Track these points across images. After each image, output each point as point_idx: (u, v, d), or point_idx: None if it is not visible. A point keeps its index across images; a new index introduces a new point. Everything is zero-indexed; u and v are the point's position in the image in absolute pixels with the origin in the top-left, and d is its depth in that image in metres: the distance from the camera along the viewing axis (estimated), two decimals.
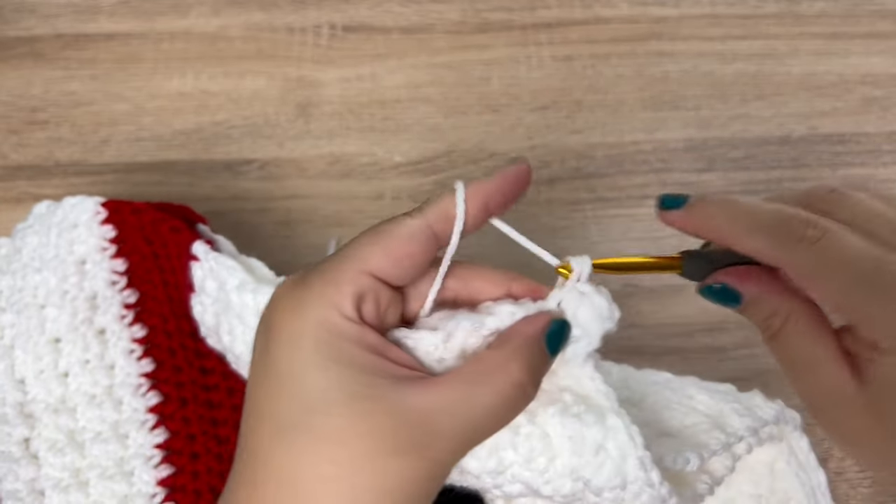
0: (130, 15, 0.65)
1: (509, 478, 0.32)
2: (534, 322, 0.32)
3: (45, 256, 0.50)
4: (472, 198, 0.32)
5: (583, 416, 0.32)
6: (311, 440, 0.28)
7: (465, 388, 0.29)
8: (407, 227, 0.31)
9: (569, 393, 0.33)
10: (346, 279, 0.30)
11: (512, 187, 0.33)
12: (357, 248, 0.31)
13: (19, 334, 0.48)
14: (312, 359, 0.28)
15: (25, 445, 0.47)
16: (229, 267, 0.45)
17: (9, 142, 0.60)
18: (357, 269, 0.30)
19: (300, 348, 0.29)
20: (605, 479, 0.32)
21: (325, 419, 0.28)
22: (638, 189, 0.59)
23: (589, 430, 0.32)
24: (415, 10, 0.65)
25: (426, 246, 0.31)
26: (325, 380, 0.28)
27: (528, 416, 0.32)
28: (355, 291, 0.30)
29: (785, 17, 0.65)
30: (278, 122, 0.61)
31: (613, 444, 0.32)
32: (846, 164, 0.60)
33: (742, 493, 0.47)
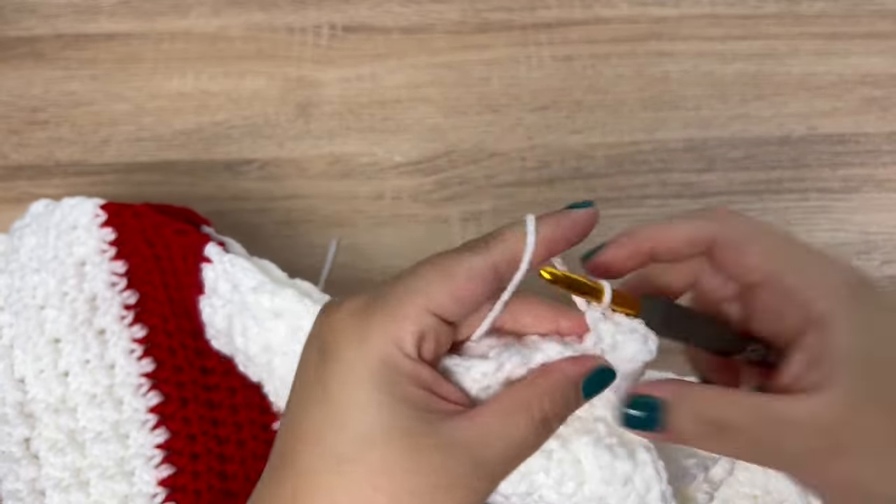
0: (130, 15, 0.65)
1: (537, 499, 0.33)
2: (578, 364, 0.32)
3: (44, 257, 0.50)
4: (541, 242, 0.31)
5: (615, 448, 0.33)
6: (366, 472, 0.29)
7: (503, 417, 0.30)
8: (473, 267, 0.30)
9: (603, 424, 0.33)
10: (409, 316, 0.30)
11: (580, 232, 0.32)
12: (422, 283, 0.30)
13: (18, 334, 0.49)
14: (371, 394, 0.29)
15: (26, 445, 0.47)
16: (245, 269, 0.46)
17: (9, 142, 0.60)
18: (421, 307, 0.30)
19: (360, 382, 0.29)
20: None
21: (382, 453, 0.28)
22: (638, 189, 0.59)
23: (619, 462, 0.33)
24: (415, 10, 0.66)
25: (489, 287, 0.31)
26: (382, 415, 0.29)
27: (561, 441, 0.33)
28: (418, 330, 0.30)
29: (785, 17, 0.65)
30: (278, 122, 0.61)
31: (640, 478, 0.33)
32: (846, 164, 0.60)
33: (738, 494, 0.47)
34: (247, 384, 0.48)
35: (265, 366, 0.46)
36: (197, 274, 0.47)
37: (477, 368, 0.32)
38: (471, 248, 0.31)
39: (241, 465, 0.46)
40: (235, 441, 0.47)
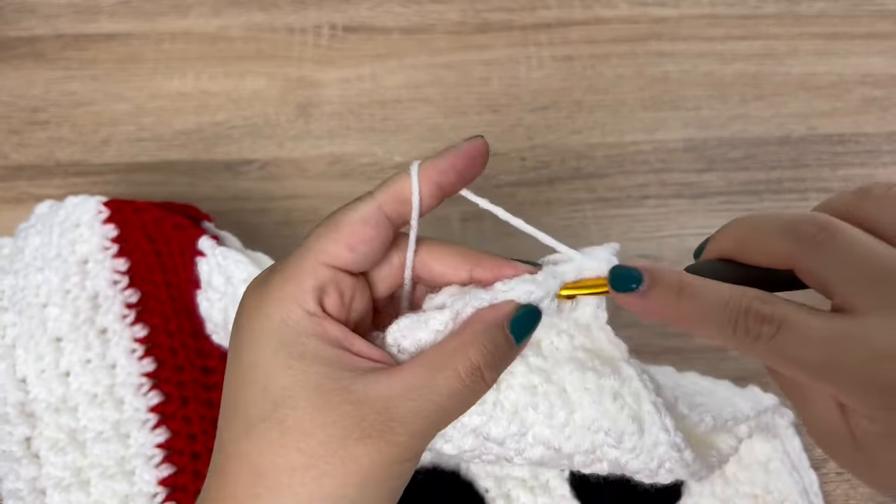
0: (131, 15, 0.65)
1: (531, 440, 0.33)
2: (497, 309, 0.32)
3: (48, 256, 0.50)
4: (424, 179, 0.32)
5: (598, 368, 0.33)
6: (279, 433, 0.29)
7: (424, 373, 0.30)
8: (358, 212, 0.31)
9: (582, 350, 0.34)
10: (305, 274, 0.31)
11: (467, 165, 0.32)
12: (313, 240, 0.31)
13: (21, 334, 0.49)
14: (277, 357, 0.30)
15: (27, 445, 0.47)
16: (237, 260, 0.46)
17: (9, 142, 0.61)
18: (315, 262, 0.31)
19: (265, 347, 0.30)
20: (623, 424, 0.33)
21: (292, 412, 0.29)
22: (638, 189, 0.59)
23: (605, 380, 0.33)
24: (415, 10, 0.66)
25: (380, 229, 0.31)
26: (290, 376, 0.29)
27: (544, 376, 0.33)
28: (316, 285, 0.30)
29: (785, 17, 0.65)
30: (278, 123, 0.61)
31: (629, 391, 0.33)
32: (846, 164, 0.60)
33: (739, 493, 0.47)
34: None
35: None
36: (193, 268, 0.47)
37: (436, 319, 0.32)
38: (358, 198, 0.32)
39: None
40: None
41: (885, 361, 0.27)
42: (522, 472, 0.47)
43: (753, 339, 0.29)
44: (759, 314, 0.29)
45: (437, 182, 0.32)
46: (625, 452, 0.33)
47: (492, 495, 0.46)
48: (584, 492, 0.46)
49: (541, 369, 0.33)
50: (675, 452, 0.34)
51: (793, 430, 0.48)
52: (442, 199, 0.33)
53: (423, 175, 0.32)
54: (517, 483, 0.47)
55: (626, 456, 0.33)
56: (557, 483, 0.47)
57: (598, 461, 0.34)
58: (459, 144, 0.32)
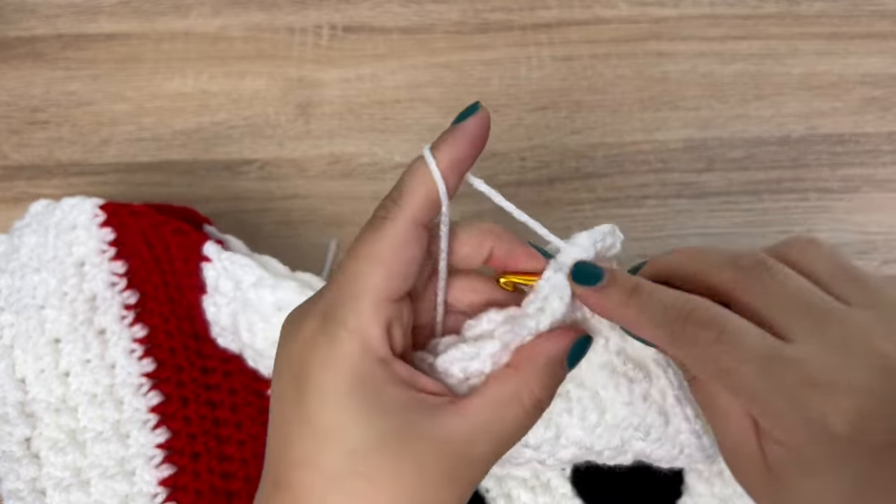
0: (131, 15, 0.65)
1: (564, 442, 0.35)
2: (558, 341, 0.32)
3: (44, 257, 0.50)
4: (447, 170, 0.31)
5: (630, 373, 0.35)
6: (365, 484, 0.29)
7: (493, 410, 0.31)
8: (395, 236, 0.30)
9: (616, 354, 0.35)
10: (368, 321, 0.29)
11: (478, 143, 0.32)
12: (362, 281, 0.30)
13: (19, 334, 0.49)
14: (357, 415, 0.29)
15: (26, 445, 0.47)
16: (244, 265, 0.46)
17: (9, 142, 0.61)
18: (373, 306, 0.30)
19: (341, 403, 0.29)
20: (651, 419, 0.35)
21: (377, 463, 0.29)
22: (638, 189, 0.59)
23: (636, 384, 0.35)
24: (415, 10, 0.66)
25: (419, 243, 0.31)
26: (369, 429, 0.29)
27: (576, 381, 0.35)
28: (382, 328, 0.30)
29: (784, 17, 0.65)
30: (278, 123, 0.61)
31: (656, 388, 0.35)
32: (845, 164, 0.60)
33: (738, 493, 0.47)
34: (247, 384, 0.48)
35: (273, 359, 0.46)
36: (198, 274, 0.47)
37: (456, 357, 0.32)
38: (384, 216, 0.31)
39: (242, 465, 0.46)
40: (236, 441, 0.47)
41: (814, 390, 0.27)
42: (523, 471, 0.47)
43: (691, 343, 0.30)
44: (700, 319, 0.29)
45: (458, 172, 0.31)
46: (651, 443, 0.35)
47: (492, 495, 0.46)
48: (586, 490, 0.47)
49: (574, 376, 0.34)
50: (695, 439, 0.36)
51: None
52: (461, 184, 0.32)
53: (446, 168, 0.31)
54: (518, 483, 0.47)
55: (652, 446, 0.35)
56: (559, 482, 0.47)
57: (624, 453, 0.36)
58: (466, 122, 0.32)
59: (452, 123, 0.32)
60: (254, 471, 0.46)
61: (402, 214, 0.30)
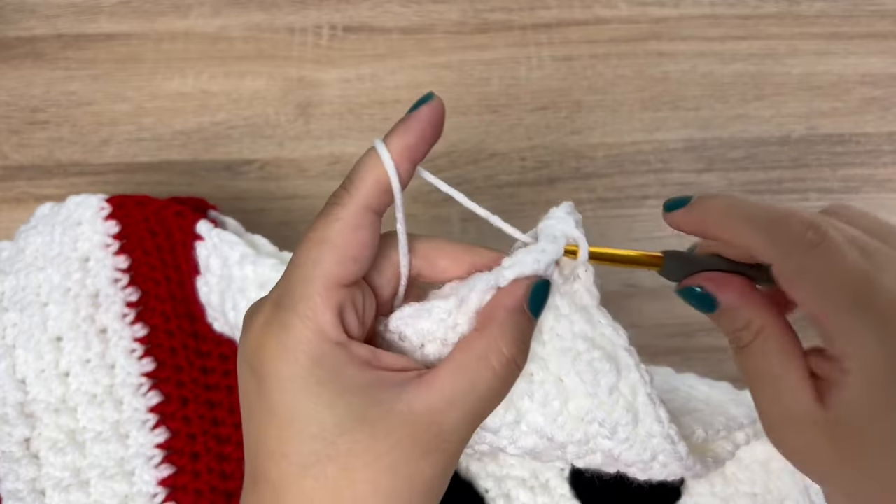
0: (131, 15, 0.65)
1: (524, 428, 0.33)
2: (513, 293, 0.31)
3: (49, 254, 0.50)
4: (399, 157, 0.31)
5: (595, 361, 0.33)
6: (340, 467, 0.29)
7: (461, 377, 0.30)
8: (345, 220, 0.30)
9: (582, 339, 0.33)
10: (321, 306, 0.29)
11: (433, 132, 0.32)
12: (311, 266, 0.30)
13: (21, 333, 0.49)
14: (318, 399, 0.29)
15: (26, 445, 0.47)
16: (231, 242, 0.46)
17: (9, 142, 0.61)
18: (322, 288, 0.29)
19: (302, 392, 0.29)
20: (618, 415, 0.33)
21: (349, 446, 0.28)
22: (638, 189, 0.59)
23: (602, 374, 0.33)
24: (415, 10, 0.66)
25: (372, 228, 0.31)
26: (336, 414, 0.29)
27: (541, 363, 0.33)
28: (335, 314, 0.29)
29: (785, 17, 0.65)
30: (278, 123, 0.61)
31: (626, 384, 0.33)
32: (846, 164, 0.60)
33: (739, 493, 0.47)
34: None
35: None
36: (193, 254, 0.47)
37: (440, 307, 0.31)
38: (335, 202, 0.30)
39: (241, 465, 0.46)
40: (235, 441, 0.47)
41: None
42: (522, 471, 0.47)
43: (794, 241, 0.29)
44: (805, 219, 0.30)
45: (410, 159, 0.31)
46: (618, 443, 0.33)
47: (492, 495, 0.46)
48: (585, 491, 0.46)
49: (539, 357, 0.33)
50: (668, 445, 0.34)
51: None
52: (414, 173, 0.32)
53: (398, 156, 0.30)
54: (517, 483, 0.47)
55: (620, 447, 0.33)
56: (557, 483, 0.47)
57: (592, 452, 0.34)
58: (418, 110, 0.31)
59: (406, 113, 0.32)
60: None
61: (353, 200, 0.30)
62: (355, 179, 0.31)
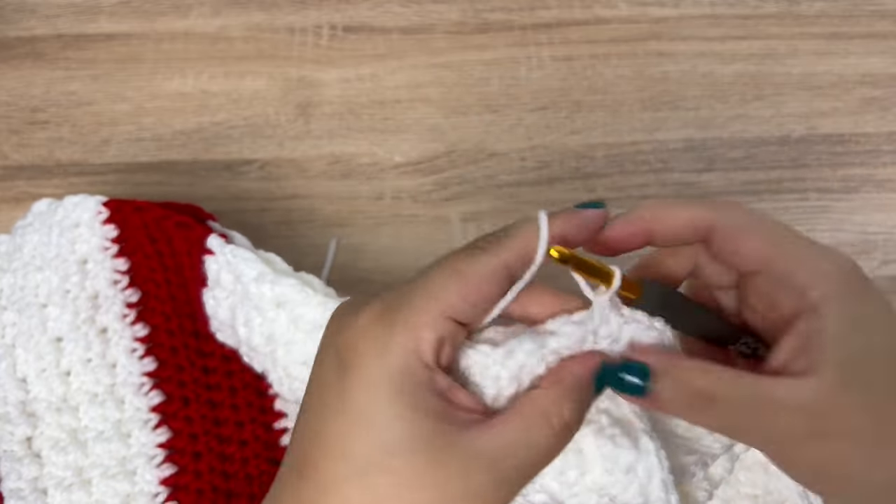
0: (131, 15, 0.65)
1: (538, 487, 0.33)
2: (585, 362, 0.32)
3: (47, 255, 0.50)
4: (551, 241, 0.31)
5: (617, 438, 0.33)
6: (391, 483, 0.28)
7: (523, 429, 0.30)
8: (487, 267, 0.30)
9: (606, 415, 0.33)
10: (428, 324, 0.29)
11: (589, 232, 0.33)
12: (437, 288, 0.30)
13: (21, 333, 0.49)
14: (392, 406, 0.29)
15: (28, 444, 0.47)
16: (247, 259, 0.46)
17: (9, 142, 0.60)
18: (438, 313, 0.30)
19: (382, 392, 0.29)
20: (630, 496, 0.33)
21: (405, 464, 0.28)
22: (638, 189, 0.59)
23: (622, 451, 0.33)
24: (415, 10, 0.66)
25: (503, 286, 0.31)
26: (404, 428, 0.29)
27: None
28: (436, 338, 0.30)
29: (784, 17, 0.65)
30: (279, 123, 0.61)
31: (643, 467, 0.33)
32: (845, 164, 0.60)
33: (738, 494, 0.47)
34: (248, 383, 0.48)
35: (269, 356, 0.46)
36: (200, 266, 0.47)
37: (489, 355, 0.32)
38: (483, 248, 0.31)
39: (243, 465, 0.46)
40: (237, 440, 0.47)
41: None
42: None
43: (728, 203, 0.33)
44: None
45: (559, 243, 0.31)
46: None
47: None
48: None
49: None
50: None
51: None
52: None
53: (553, 234, 0.31)
54: None
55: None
56: None
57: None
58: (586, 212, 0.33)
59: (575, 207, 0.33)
60: (254, 470, 0.46)
61: (500, 252, 0.31)
62: (510, 237, 0.31)
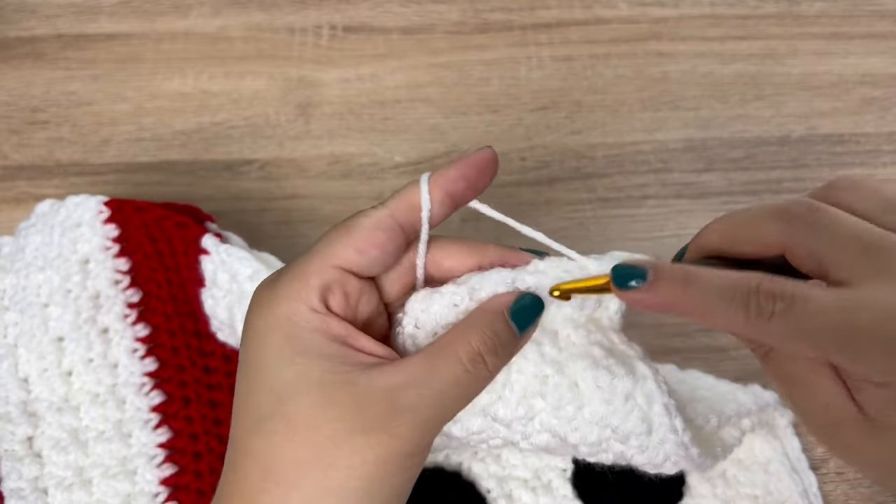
0: (131, 15, 0.65)
1: (538, 426, 0.33)
2: (499, 297, 0.32)
3: (49, 255, 0.50)
4: (435, 187, 0.33)
5: (613, 367, 0.33)
6: (285, 427, 0.29)
7: (427, 362, 0.30)
8: (371, 217, 0.32)
9: (598, 347, 0.34)
10: (312, 273, 0.31)
11: (477, 174, 0.33)
12: (325, 243, 0.32)
13: (23, 333, 0.49)
14: (280, 353, 0.30)
15: (29, 444, 0.47)
16: (241, 257, 0.46)
17: (9, 142, 0.60)
18: (323, 263, 0.31)
19: (269, 343, 0.31)
20: (633, 425, 0.33)
21: (297, 407, 0.29)
22: (638, 189, 0.59)
23: (619, 381, 0.33)
24: (415, 10, 0.66)
25: (391, 235, 0.32)
26: (294, 371, 0.30)
27: (557, 367, 0.33)
28: (321, 284, 0.31)
29: (784, 17, 0.65)
30: (279, 123, 0.61)
31: (641, 393, 0.33)
32: (845, 165, 0.60)
33: (740, 495, 0.47)
34: None
35: None
36: (197, 267, 0.47)
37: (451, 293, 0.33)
38: (372, 206, 0.33)
39: None
40: None
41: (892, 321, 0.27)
42: (524, 472, 0.47)
43: (767, 316, 0.29)
44: (770, 291, 0.29)
45: (447, 191, 0.33)
46: (630, 448, 0.33)
47: (493, 496, 0.47)
48: (586, 492, 0.47)
49: (554, 360, 0.33)
50: (681, 451, 0.34)
51: (791, 431, 0.48)
52: (454, 209, 0.34)
53: (433, 185, 0.33)
54: (519, 483, 0.47)
55: (632, 451, 0.34)
56: (559, 483, 0.47)
57: (604, 452, 0.34)
58: (468, 154, 0.33)
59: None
60: None
61: (383, 207, 0.33)
62: (394, 195, 0.33)
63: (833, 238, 0.29)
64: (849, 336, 0.28)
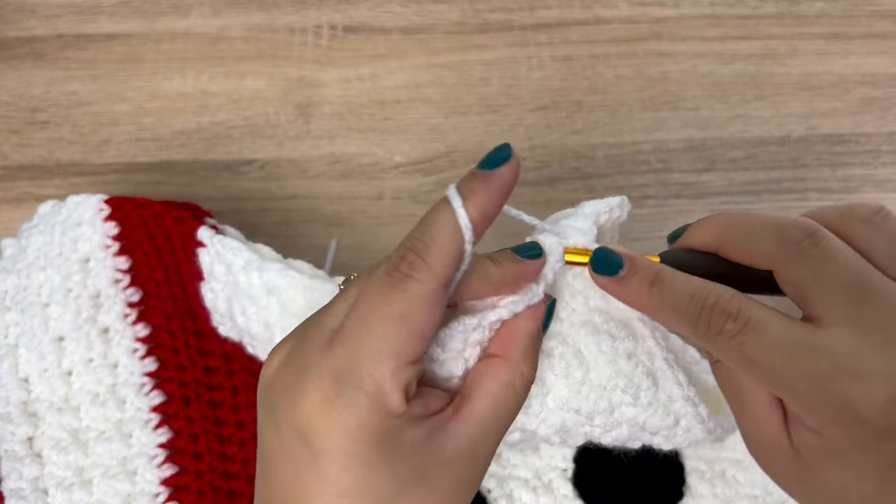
0: (131, 15, 0.65)
1: (551, 404, 0.35)
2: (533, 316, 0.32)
3: (50, 255, 0.50)
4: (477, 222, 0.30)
5: (613, 331, 0.35)
6: None
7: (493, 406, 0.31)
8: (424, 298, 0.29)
9: (598, 313, 0.35)
10: (390, 383, 0.28)
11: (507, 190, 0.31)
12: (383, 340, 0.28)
13: (24, 332, 0.49)
14: (377, 470, 0.28)
15: (29, 444, 0.47)
16: (234, 248, 0.46)
17: (9, 142, 0.60)
18: (396, 367, 0.28)
19: (364, 465, 0.28)
20: (639, 380, 0.34)
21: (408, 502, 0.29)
22: (638, 189, 0.59)
23: (619, 342, 0.34)
24: (415, 10, 0.66)
25: (443, 303, 0.30)
26: (396, 480, 0.29)
27: (559, 339, 0.35)
28: (401, 391, 0.28)
29: (784, 17, 0.65)
30: (279, 123, 0.61)
31: (642, 349, 0.35)
32: (845, 165, 0.60)
33: (739, 495, 0.47)
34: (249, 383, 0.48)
35: (269, 342, 0.46)
36: (195, 260, 0.47)
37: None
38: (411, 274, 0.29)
39: (244, 465, 0.46)
40: (238, 440, 0.47)
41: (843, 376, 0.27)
42: (525, 472, 0.47)
43: (716, 333, 0.30)
44: (725, 310, 0.29)
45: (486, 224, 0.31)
46: (642, 409, 0.35)
47: (494, 496, 0.47)
48: (587, 492, 0.47)
49: (557, 333, 0.34)
50: (690, 407, 0.35)
51: None
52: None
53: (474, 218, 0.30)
54: (519, 483, 0.47)
55: (644, 413, 0.35)
56: (560, 483, 0.47)
57: (618, 424, 0.35)
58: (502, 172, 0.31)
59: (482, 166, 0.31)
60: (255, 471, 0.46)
61: (431, 277, 0.29)
62: (433, 248, 0.29)
63: (819, 274, 0.29)
64: (792, 380, 0.28)
